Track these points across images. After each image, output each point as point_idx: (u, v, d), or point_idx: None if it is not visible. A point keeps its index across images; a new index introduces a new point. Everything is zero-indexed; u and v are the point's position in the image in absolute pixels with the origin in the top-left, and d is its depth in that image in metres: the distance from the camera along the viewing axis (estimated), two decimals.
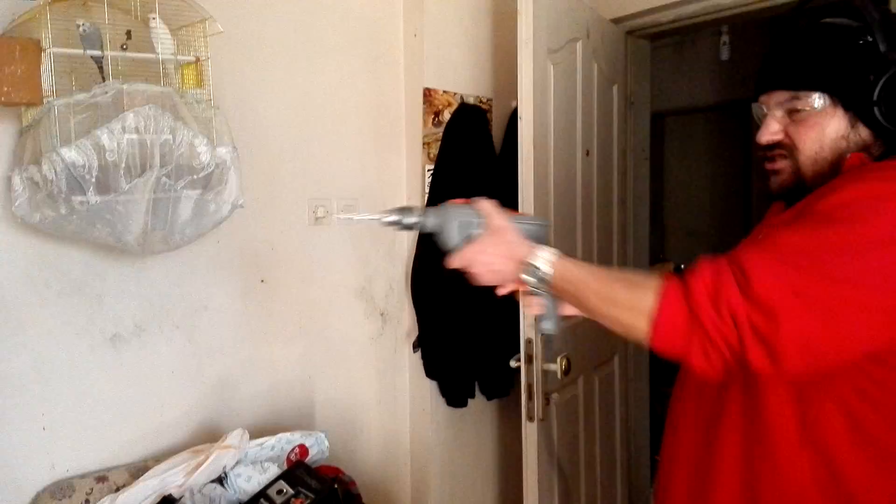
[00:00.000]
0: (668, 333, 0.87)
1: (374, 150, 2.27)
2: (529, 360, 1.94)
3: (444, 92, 2.30)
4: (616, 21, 2.55)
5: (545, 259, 1.02)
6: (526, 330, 1.94)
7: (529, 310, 1.14)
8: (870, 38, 0.97)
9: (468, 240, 1.08)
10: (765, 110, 1.08)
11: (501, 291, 1.13)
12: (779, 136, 1.05)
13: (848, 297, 0.82)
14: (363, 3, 2.20)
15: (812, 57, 1.02)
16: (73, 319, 1.65)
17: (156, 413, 1.80)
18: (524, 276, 1.04)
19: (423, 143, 2.28)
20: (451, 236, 1.09)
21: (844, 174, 0.99)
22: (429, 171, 2.29)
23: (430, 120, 2.28)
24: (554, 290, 1.04)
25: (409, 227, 1.09)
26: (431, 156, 2.29)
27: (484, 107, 2.41)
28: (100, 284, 1.68)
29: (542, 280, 1.03)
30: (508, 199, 2.08)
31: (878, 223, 0.84)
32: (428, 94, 2.26)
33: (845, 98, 1.00)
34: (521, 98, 1.92)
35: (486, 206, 1.10)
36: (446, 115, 2.31)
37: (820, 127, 1.01)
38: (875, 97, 0.96)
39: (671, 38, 2.78)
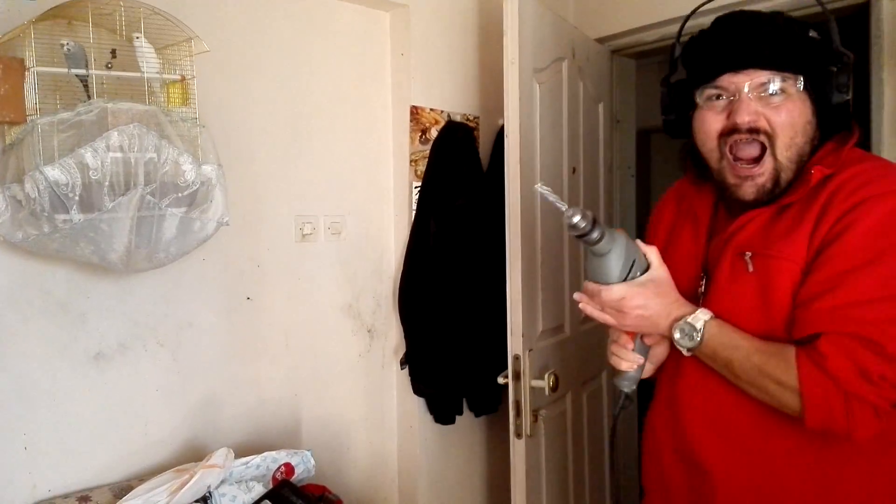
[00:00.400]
0: (826, 420, 0.94)
1: (361, 168, 2.27)
2: (517, 376, 1.94)
3: (432, 110, 2.31)
4: (601, 41, 2.58)
5: (703, 320, 1.02)
6: (513, 346, 1.94)
7: (622, 365, 1.13)
8: (823, 35, 1.04)
9: (626, 278, 1.02)
10: (737, 90, 1.04)
11: (622, 338, 1.12)
12: (760, 120, 1.03)
13: None
14: (350, 22, 2.22)
15: (795, 41, 1.02)
16: (56, 338, 1.64)
17: (140, 432, 1.78)
18: (676, 334, 1.03)
19: (411, 161, 2.28)
20: (613, 268, 1.01)
21: (820, 190, 1.01)
22: (416, 188, 2.30)
23: (418, 137, 2.29)
24: (701, 352, 1.04)
25: (582, 236, 0.97)
26: (419, 173, 2.30)
27: (471, 124, 2.42)
28: (83, 303, 1.67)
29: (693, 341, 1.02)
30: (495, 215, 2.10)
31: None
32: (415, 111, 2.27)
33: (818, 84, 1.03)
34: (508, 116, 1.93)
35: (654, 253, 1.06)
36: (433, 133, 2.32)
37: (798, 111, 1.03)
38: (837, 87, 1.03)
39: (657, 56, 2.80)
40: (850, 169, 1.01)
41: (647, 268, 1.05)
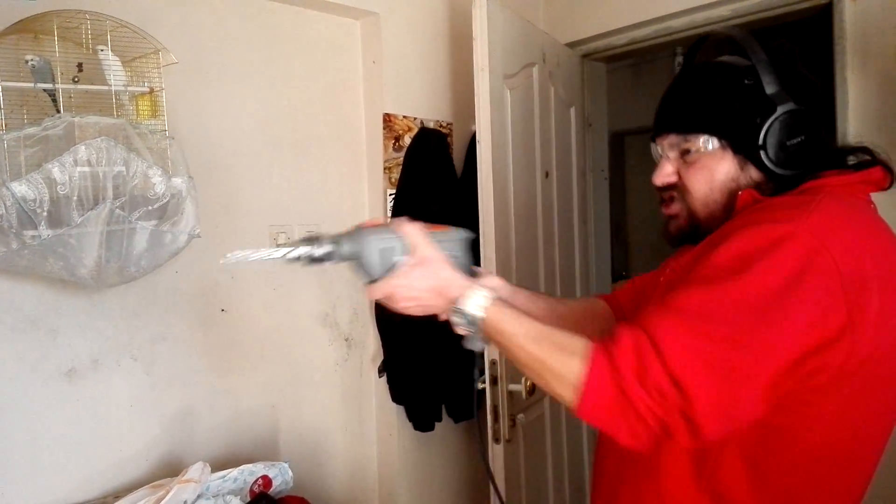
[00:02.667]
0: (596, 410, 0.84)
1: (335, 176, 2.27)
2: (494, 381, 1.95)
3: (404, 117, 2.32)
4: (571, 45, 2.61)
5: (478, 304, 0.95)
6: (490, 351, 1.95)
7: (457, 329, 1.04)
8: (754, 80, 0.97)
9: (391, 269, 0.97)
10: (660, 151, 1.08)
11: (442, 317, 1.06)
12: (672, 179, 1.06)
13: (753, 360, 0.81)
14: (321, 31, 2.22)
15: (700, 100, 1.01)
16: (27, 355, 1.62)
17: (114, 448, 1.76)
18: (454, 318, 0.98)
19: (385, 168, 2.29)
20: (372, 265, 0.97)
21: (738, 214, 0.98)
22: (391, 195, 2.30)
23: (391, 145, 2.29)
24: (483, 335, 0.97)
25: (319, 261, 0.94)
26: (393, 180, 2.30)
27: (444, 130, 2.43)
28: (54, 319, 1.65)
29: (472, 324, 0.96)
30: (470, 221, 2.11)
31: (767, 273, 0.83)
32: (388, 119, 2.28)
33: (733, 141, 0.99)
34: (480, 123, 1.94)
35: (409, 228, 1.00)
36: (407, 140, 2.32)
37: (709, 169, 1.01)
38: (761, 141, 0.96)
39: (628, 59, 2.83)
40: (777, 198, 0.96)
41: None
